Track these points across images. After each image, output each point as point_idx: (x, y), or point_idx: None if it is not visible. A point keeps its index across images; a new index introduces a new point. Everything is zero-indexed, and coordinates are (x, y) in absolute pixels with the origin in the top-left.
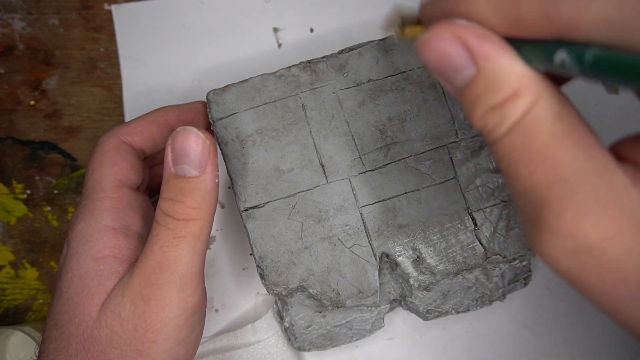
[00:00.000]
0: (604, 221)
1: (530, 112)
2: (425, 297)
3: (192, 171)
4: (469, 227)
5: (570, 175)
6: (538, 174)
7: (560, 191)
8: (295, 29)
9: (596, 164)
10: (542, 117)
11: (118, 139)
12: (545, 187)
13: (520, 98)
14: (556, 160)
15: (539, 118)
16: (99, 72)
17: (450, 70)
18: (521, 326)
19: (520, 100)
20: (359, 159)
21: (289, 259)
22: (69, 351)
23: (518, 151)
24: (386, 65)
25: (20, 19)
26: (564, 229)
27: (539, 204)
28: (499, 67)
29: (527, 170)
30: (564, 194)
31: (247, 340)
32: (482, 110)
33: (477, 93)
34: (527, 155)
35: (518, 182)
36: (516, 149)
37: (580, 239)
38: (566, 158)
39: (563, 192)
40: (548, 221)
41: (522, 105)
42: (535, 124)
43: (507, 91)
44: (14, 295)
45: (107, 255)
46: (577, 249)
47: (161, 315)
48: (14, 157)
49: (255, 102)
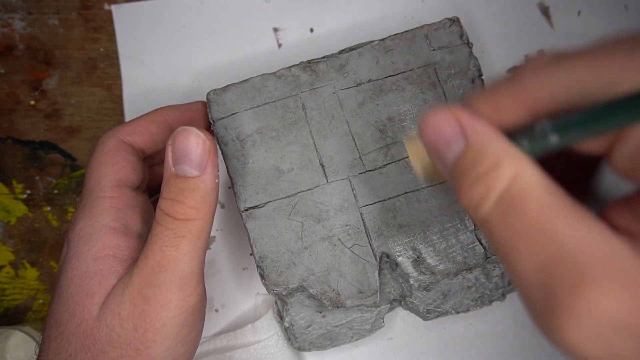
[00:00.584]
0: (625, 296)
1: (516, 183)
2: (425, 297)
3: (192, 171)
4: (469, 227)
5: (574, 249)
6: (539, 251)
7: (568, 268)
8: (295, 29)
9: (596, 234)
10: (528, 187)
11: (118, 138)
12: (551, 265)
13: (503, 167)
14: (554, 233)
15: (526, 189)
16: (99, 72)
17: (443, 144)
18: (521, 326)
19: (503, 170)
20: (359, 159)
21: (289, 259)
22: (68, 350)
23: (510, 226)
24: (386, 65)
25: (20, 19)
26: (583, 309)
27: (546, 285)
28: (485, 138)
29: (526, 247)
30: (573, 270)
31: (247, 340)
32: (468, 182)
33: (464, 166)
34: (522, 229)
35: (518, 263)
36: (508, 224)
37: (605, 319)
38: (564, 230)
39: (571, 268)
40: (563, 303)
41: (506, 175)
42: (522, 195)
43: (490, 160)
44: (14, 295)
45: (107, 254)
46: (603, 330)
47: (161, 314)
48: (14, 157)
49: (255, 102)
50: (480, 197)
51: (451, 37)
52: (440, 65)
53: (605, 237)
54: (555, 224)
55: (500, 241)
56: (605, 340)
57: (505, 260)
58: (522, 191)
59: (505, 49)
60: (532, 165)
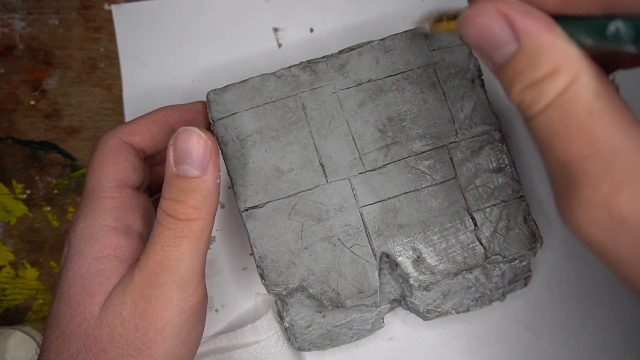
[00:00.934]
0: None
1: (569, 89)
2: (425, 297)
3: (193, 171)
4: (469, 227)
5: (607, 150)
6: (574, 148)
7: (596, 164)
8: (295, 29)
9: (633, 141)
10: (580, 94)
11: (119, 138)
12: (581, 161)
13: (559, 75)
14: (593, 135)
15: (578, 95)
16: (99, 72)
17: (492, 45)
18: (521, 326)
19: (560, 78)
20: (359, 159)
21: (289, 259)
22: (70, 350)
23: (555, 127)
24: (386, 65)
25: (20, 19)
26: (599, 200)
27: (573, 176)
28: (541, 43)
29: (563, 145)
30: (600, 167)
31: (247, 340)
32: (521, 86)
33: (517, 69)
34: (564, 131)
35: (553, 157)
36: (553, 125)
37: (615, 212)
38: (603, 134)
39: (599, 165)
40: (583, 193)
41: (561, 82)
42: (573, 101)
43: (547, 67)
44: (14, 295)
45: (108, 254)
46: (611, 221)
47: (162, 314)
48: (14, 157)
49: (255, 102)
50: (533, 101)
51: (451, 37)
52: (440, 65)
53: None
54: (596, 125)
55: (541, 138)
56: (611, 231)
57: (543, 153)
58: (574, 95)
59: None
60: (589, 68)
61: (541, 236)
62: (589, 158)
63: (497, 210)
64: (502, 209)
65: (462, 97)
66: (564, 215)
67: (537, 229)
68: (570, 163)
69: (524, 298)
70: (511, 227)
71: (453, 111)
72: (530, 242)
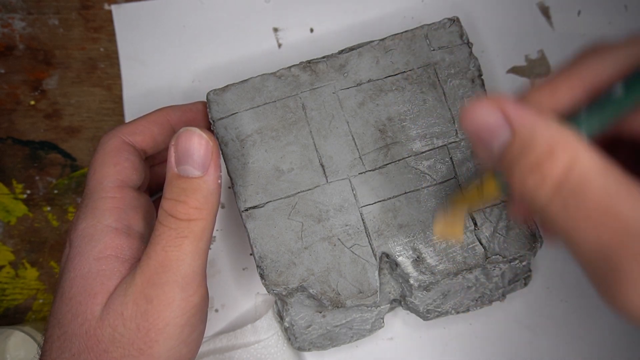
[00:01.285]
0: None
1: (573, 172)
2: (425, 297)
3: (195, 172)
4: (469, 227)
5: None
6: (604, 231)
7: (634, 242)
8: (295, 29)
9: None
10: (588, 175)
11: (120, 138)
12: (617, 244)
13: (556, 155)
14: (619, 216)
15: (586, 177)
16: (99, 72)
17: (488, 135)
18: (521, 326)
19: (558, 158)
20: (359, 159)
21: (289, 259)
22: (71, 350)
23: (572, 213)
24: (386, 65)
25: (20, 19)
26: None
27: (613, 259)
28: (533, 128)
29: (592, 231)
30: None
31: (247, 340)
32: (520, 172)
33: (514, 155)
34: (585, 215)
35: (582, 243)
36: (569, 211)
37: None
38: (628, 210)
39: (637, 242)
40: (629, 273)
41: (560, 162)
42: (584, 184)
43: (541, 149)
44: (14, 295)
45: (109, 255)
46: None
47: (163, 314)
48: (14, 157)
49: (255, 102)
50: (536, 186)
51: (451, 37)
52: (440, 65)
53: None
54: (618, 206)
55: (562, 225)
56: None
57: (568, 240)
58: (582, 177)
59: (505, 49)
60: (587, 147)
61: (541, 236)
62: (625, 239)
63: (497, 210)
64: (502, 209)
65: (462, 97)
66: (615, 301)
67: (537, 229)
68: (606, 248)
69: (524, 298)
70: (511, 227)
71: (453, 111)
72: (530, 242)
